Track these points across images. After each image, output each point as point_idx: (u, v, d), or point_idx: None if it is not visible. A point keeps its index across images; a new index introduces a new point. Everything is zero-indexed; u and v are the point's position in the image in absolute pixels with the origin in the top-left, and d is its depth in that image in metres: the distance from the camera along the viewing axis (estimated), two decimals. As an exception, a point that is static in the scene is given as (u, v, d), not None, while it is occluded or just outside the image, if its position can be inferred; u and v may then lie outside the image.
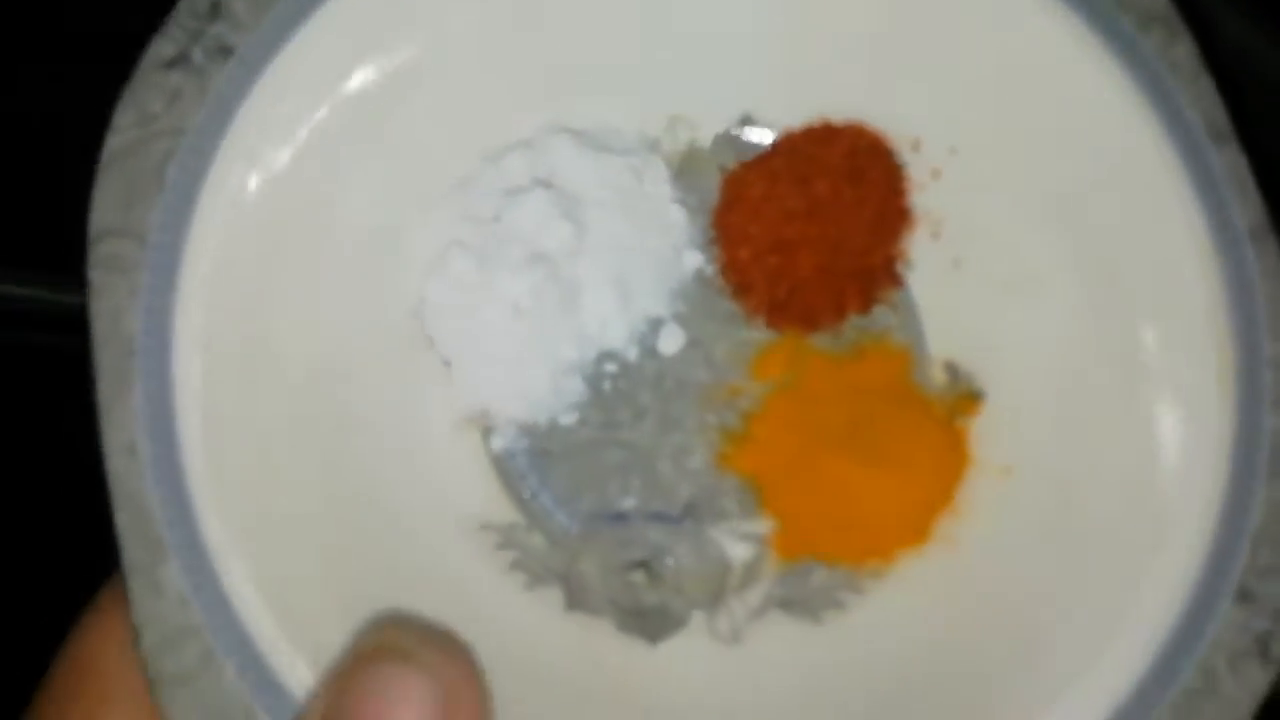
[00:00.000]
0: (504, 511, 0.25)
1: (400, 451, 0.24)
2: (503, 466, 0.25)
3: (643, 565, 0.25)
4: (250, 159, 0.21)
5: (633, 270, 0.25)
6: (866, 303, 0.26)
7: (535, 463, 0.25)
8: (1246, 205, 0.21)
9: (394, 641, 0.19)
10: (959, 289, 0.25)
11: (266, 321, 0.21)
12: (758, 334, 0.26)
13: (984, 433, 0.25)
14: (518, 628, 0.23)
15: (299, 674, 0.19)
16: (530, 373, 0.25)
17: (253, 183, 0.21)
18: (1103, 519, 0.22)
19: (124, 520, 0.19)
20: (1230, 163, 0.21)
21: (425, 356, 0.25)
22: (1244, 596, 0.20)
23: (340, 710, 0.18)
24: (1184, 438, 0.21)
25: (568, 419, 0.25)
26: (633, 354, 0.26)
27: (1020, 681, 0.21)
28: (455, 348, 0.25)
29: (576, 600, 0.24)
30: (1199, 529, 0.20)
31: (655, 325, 0.26)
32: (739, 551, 0.25)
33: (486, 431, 0.25)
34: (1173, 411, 0.21)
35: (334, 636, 0.19)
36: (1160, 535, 0.20)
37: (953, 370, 0.25)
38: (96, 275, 0.20)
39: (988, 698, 0.21)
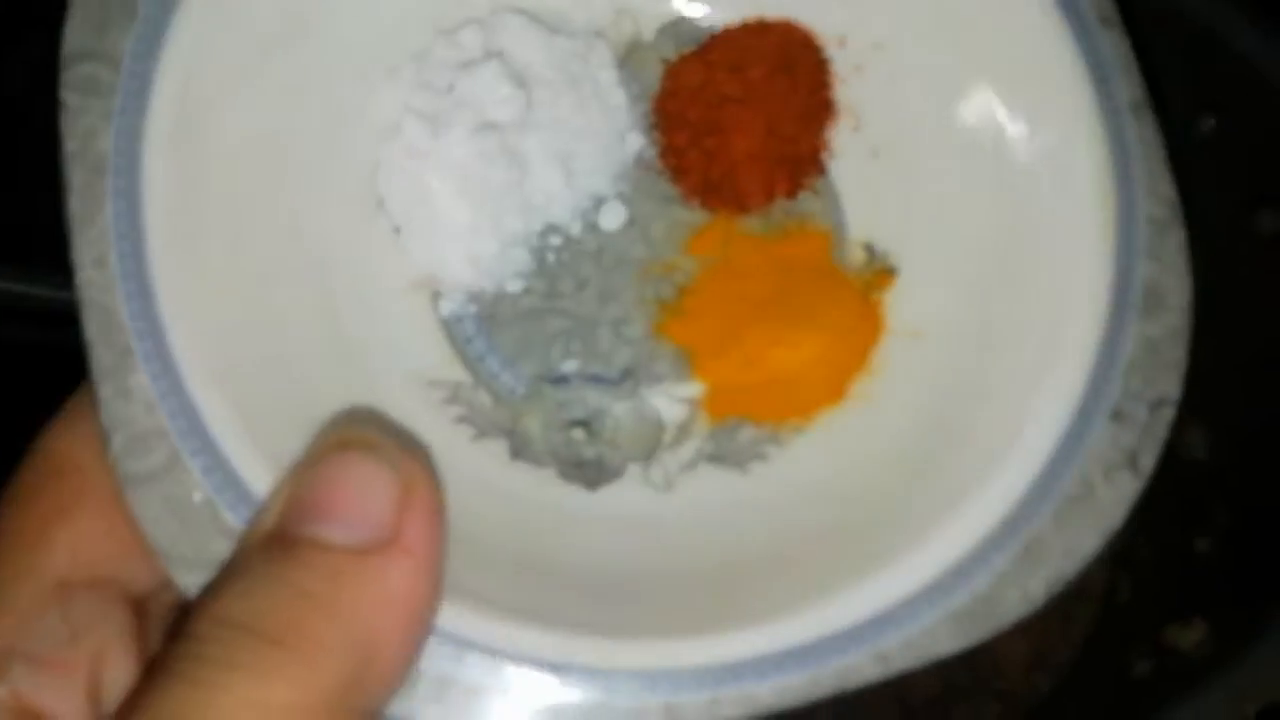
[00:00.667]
0: (452, 370, 0.26)
1: (355, 304, 0.25)
2: (451, 329, 0.26)
3: (582, 424, 0.26)
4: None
5: (578, 149, 0.27)
6: (793, 188, 0.28)
7: (482, 327, 0.27)
8: (1129, 82, 0.24)
9: (358, 435, 0.20)
10: (876, 177, 0.28)
11: (232, 156, 0.22)
12: (693, 214, 0.28)
13: (896, 303, 0.27)
14: (466, 473, 0.24)
15: (260, 476, 0.20)
16: (478, 242, 0.26)
17: (221, 17, 0.22)
18: (997, 364, 0.24)
19: (93, 329, 0.20)
20: (1115, 44, 0.24)
21: (378, 220, 0.26)
22: (1117, 416, 0.22)
23: (306, 495, 0.19)
24: (1069, 286, 0.23)
25: (514, 287, 0.27)
26: (576, 228, 0.27)
27: (921, 500, 0.23)
28: (406, 214, 0.26)
29: (521, 452, 0.26)
30: (1080, 361, 0.23)
31: (598, 202, 0.27)
32: (672, 412, 0.26)
33: (435, 295, 0.27)
34: (1060, 266, 0.24)
35: (293, 446, 0.21)
36: (1046, 366, 0.23)
37: (869, 250, 0.27)
38: (71, 97, 0.21)
39: (892, 514, 0.23)
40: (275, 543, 0.19)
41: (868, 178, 0.28)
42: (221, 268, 0.22)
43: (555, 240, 0.27)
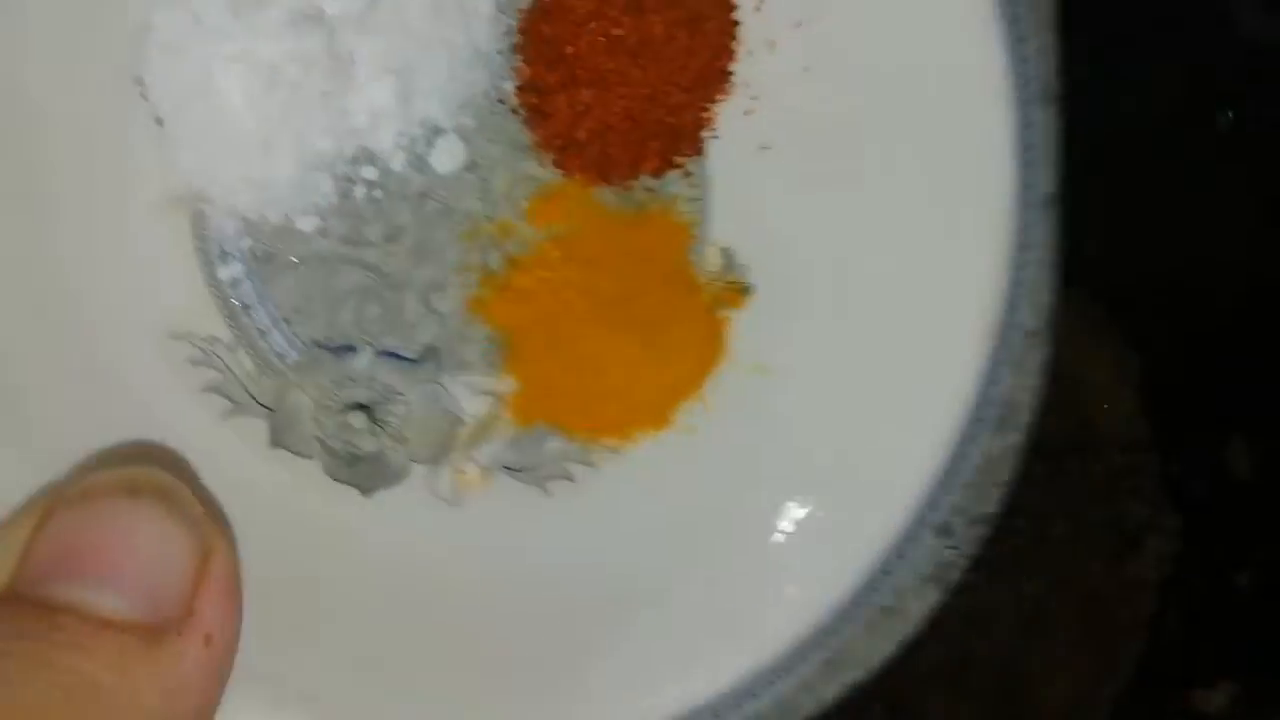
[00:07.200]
0: (206, 321, 0.21)
1: (79, 224, 0.19)
2: (212, 266, 0.21)
3: (364, 408, 0.22)
4: None
5: (420, 63, 0.21)
6: (664, 164, 0.24)
7: (255, 268, 0.21)
8: (1048, 175, 0.22)
9: (152, 479, 0.15)
10: (757, 174, 0.24)
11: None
12: (543, 172, 0.23)
13: (747, 327, 0.24)
14: (207, 459, 0.20)
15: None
16: (270, 158, 0.21)
17: None
18: (838, 443, 0.23)
19: None
20: (1047, 126, 0.21)
21: (135, 108, 0.20)
22: (943, 531, 0.22)
23: (68, 543, 0.14)
24: (935, 379, 0.22)
25: (305, 223, 0.22)
26: (398, 162, 0.22)
27: (734, 580, 0.21)
28: (176, 105, 0.20)
29: (282, 437, 0.21)
30: (923, 468, 0.22)
31: (431, 134, 0.22)
32: (473, 407, 0.23)
33: (198, 218, 0.21)
34: (932, 357, 0.22)
35: None
36: (887, 463, 0.22)
37: (728, 257, 0.24)
38: None
39: (692, 592, 0.21)
40: (18, 606, 0.14)
41: (747, 172, 0.24)
42: None
43: (369, 173, 0.22)
